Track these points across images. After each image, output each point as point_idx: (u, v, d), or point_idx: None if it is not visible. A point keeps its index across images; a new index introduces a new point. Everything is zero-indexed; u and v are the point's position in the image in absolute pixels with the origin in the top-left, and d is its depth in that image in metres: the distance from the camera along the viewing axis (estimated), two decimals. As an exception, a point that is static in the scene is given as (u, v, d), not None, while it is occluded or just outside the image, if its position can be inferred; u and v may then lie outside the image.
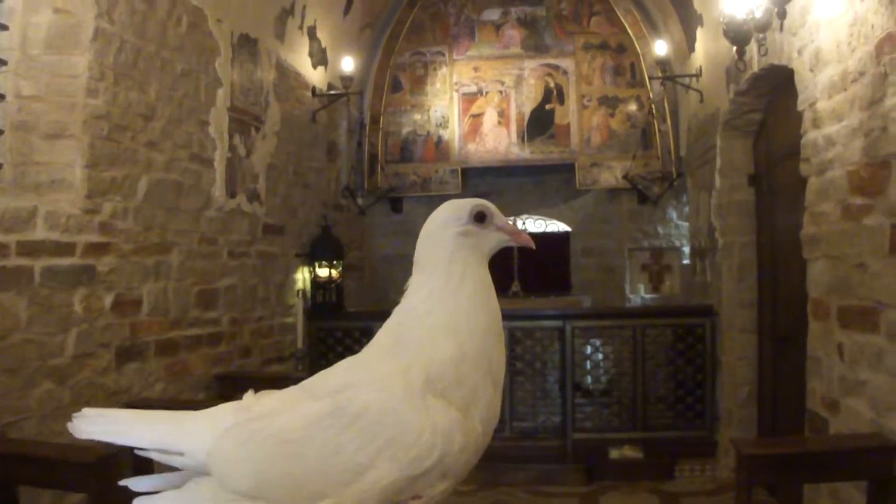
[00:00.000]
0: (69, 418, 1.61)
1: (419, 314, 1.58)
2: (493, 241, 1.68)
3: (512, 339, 7.41)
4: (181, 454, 1.54)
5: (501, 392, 1.60)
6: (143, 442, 1.56)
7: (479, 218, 1.67)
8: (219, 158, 6.02)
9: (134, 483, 1.55)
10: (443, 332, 1.55)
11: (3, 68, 4.26)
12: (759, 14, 4.91)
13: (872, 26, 3.52)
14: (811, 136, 4.36)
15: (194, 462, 1.52)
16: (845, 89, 3.86)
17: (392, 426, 1.42)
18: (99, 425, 1.59)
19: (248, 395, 1.64)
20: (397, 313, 1.64)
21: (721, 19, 5.34)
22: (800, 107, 4.52)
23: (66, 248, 4.39)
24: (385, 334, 1.62)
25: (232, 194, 6.25)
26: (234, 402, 1.63)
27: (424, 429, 1.42)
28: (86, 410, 1.62)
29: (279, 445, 1.45)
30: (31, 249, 4.14)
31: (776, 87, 5.70)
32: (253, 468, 1.45)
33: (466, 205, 1.67)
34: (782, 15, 4.61)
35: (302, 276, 7.83)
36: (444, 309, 1.57)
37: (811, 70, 4.32)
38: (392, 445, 1.41)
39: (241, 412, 1.56)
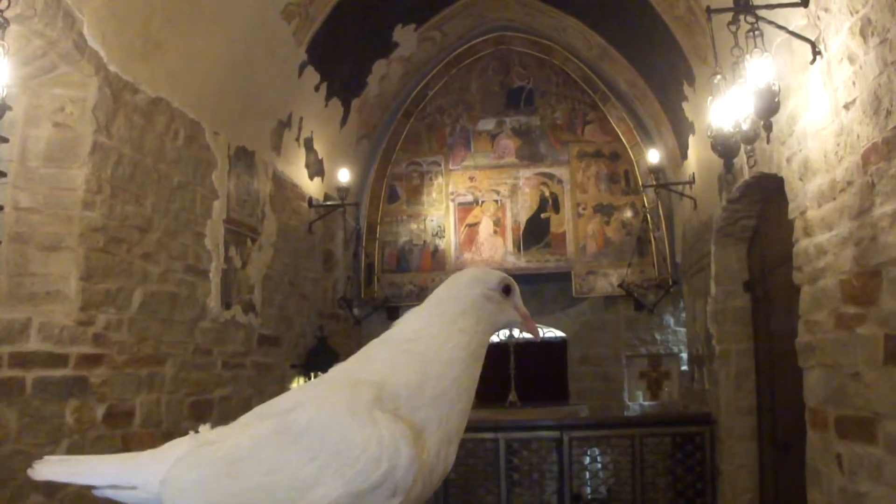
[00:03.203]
0: None
1: (398, 340, 1.59)
2: (508, 316, 1.69)
3: (509, 450, 7.31)
4: (134, 488, 1.57)
5: (454, 450, 1.57)
6: (98, 480, 1.61)
7: (506, 290, 1.69)
8: (214, 270, 6.04)
9: None
10: (414, 361, 1.54)
11: (3, 180, 4.31)
12: (745, 126, 4.95)
13: (858, 136, 3.56)
14: (803, 244, 4.38)
15: (147, 494, 1.55)
16: (834, 198, 3.89)
17: (335, 440, 1.38)
18: (57, 469, 1.66)
19: (204, 428, 1.67)
20: (380, 339, 1.65)
21: (708, 133, 5.40)
22: (791, 215, 4.55)
23: (58, 360, 4.38)
24: (357, 357, 1.63)
25: (227, 305, 6.25)
26: (189, 435, 1.66)
27: (370, 441, 1.38)
28: (47, 457, 1.68)
29: (226, 466, 1.45)
30: (23, 360, 4.13)
31: (768, 195, 5.74)
32: (202, 491, 1.47)
33: (499, 274, 1.70)
34: (769, 127, 4.65)
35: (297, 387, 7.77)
36: (428, 344, 1.57)
37: (800, 179, 4.36)
38: (336, 459, 1.37)
39: (194, 441, 1.60)
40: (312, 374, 7.85)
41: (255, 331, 6.81)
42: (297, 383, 7.77)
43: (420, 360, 1.56)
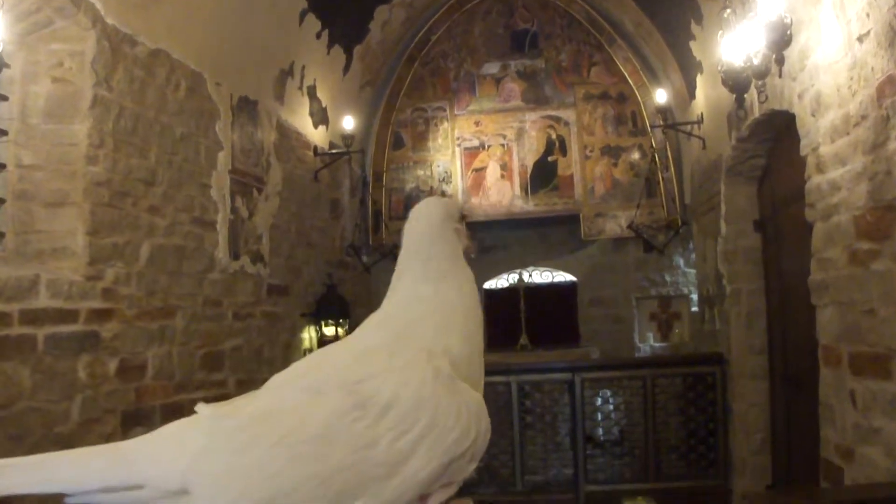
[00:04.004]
0: None
1: (433, 303, 1.55)
2: (465, 243, 1.67)
3: (521, 393, 7.34)
4: (138, 487, 1.31)
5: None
6: (82, 485, 1.30)
7: (463, 218, 1.67)
8: (221, 221, 6.02)
9: None
10: (456, 323, 1.52)
11: (4, 138, 4.29)
12: (757, 61, 4.91)
13: (872, 69, 3.50)
14: (815, 181, 4.33)
15: (159, 493, 1.30)
16: (848, 133, 3.84)
17: (430, 411, 1.33)
18: (19, 478, 1.28)
19: (203, 407, 1.42)
20: (401, 301, 1.59)
21: (719, 67, 5.34)
22: (802, 152, 4.49)
23: (69, 316, 4.37)
24: (389, 322, 1.57)
25: (235, 256, 6.24)
26: (186, 419, 1.42)
27: (461, 411, 1.36)
28: (1, 462, 1.30)
29: (297, 447, 1.28)
30: (33, 318, 4.12)
31: (778, 132, 5.68)
32: (262, 477, 1.27)
33: (456, 202, 1.68)
34: (781, 61, 4.60)
35: (308, 336, 7.79)
36: (454, 300, 1.55)
37: (812, 114, 4.30)
38: (432, 431, 1.32)
39: (217, 423, 1.37)
40: (322, 323, 7.86)
41: (264, 281, 6.81)
42: (308, 332, 7.78)
43: (452, 319, 1.54)
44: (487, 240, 10.35)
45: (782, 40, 4.39)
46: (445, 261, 1.60)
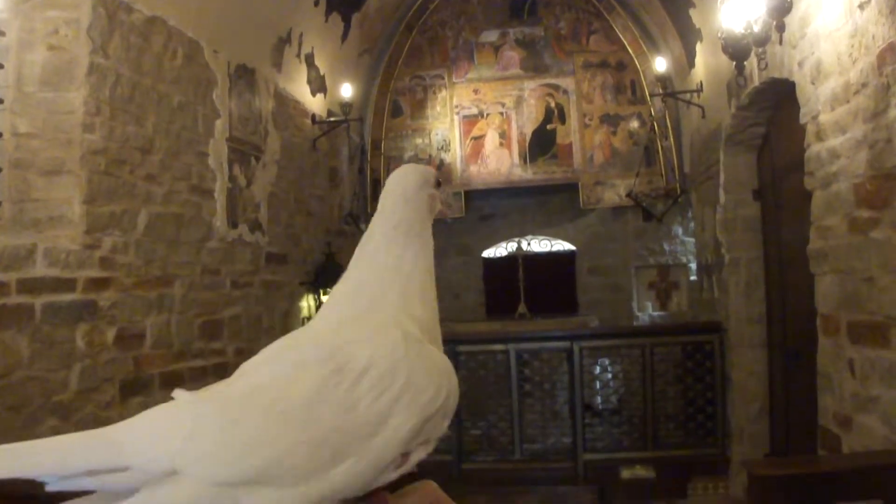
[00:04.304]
0: None
1: (397, 271, 1.57)
2: (437, 208, 1.68)
3: (520, 361, 7.34)
4: (124, 469, 1.24)
5: None
6: (65, 468, 1.22)
7: (438, 184, 1.68)
8: (219, 189, 6.01)
9: None
10: (417, 290, 1.55)
11: (0, 107, 4.25)
12: (757, 28, 4.88)
13: (873, 37, 3.47)
14: (815, 149, 4.31)
15: (145, 474, 1.24)
16: (848, 101, 3.82)
17: (404, 372, 1.37)
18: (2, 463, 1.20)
19: (181, 392, 1.35)
20: (367, 269, 1.61)
21: (719, 34, 5.30)
22: (802, 120, 4.47)
23: (66, 284, 4.38)
24: (359, 292, 1.59)
25: (233, 224, 6.23)
26: (168, 403, 1.33)
27: (432, 371, 1.40)
28: None
29: (287, 414, 1.30)
30: (31, 287, 4.12)
31: (778, 101, 5.66)
32: (255, 446, 1.28)
33: (431, 169, 1.68)
34: (781, 28, 4.57)
35: (307, 304, 7.80)
36: (414, 268, 1.57)
37: (812, 82, 4.28)
38: (408, 391, 1.36)
39: (203, 403, 1.33)
40: (321, 291, 7.87)
41: (263, 249, 6.81)
42: (307, 300, 7.79)
43: (412, 285, 1.56)
44: (486, 208, 10.35)
45: (783, 7, 4.36)
46: (411, 229, 1.62)
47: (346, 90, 8.39)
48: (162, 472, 1.26)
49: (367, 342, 1.41)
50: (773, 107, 5.89)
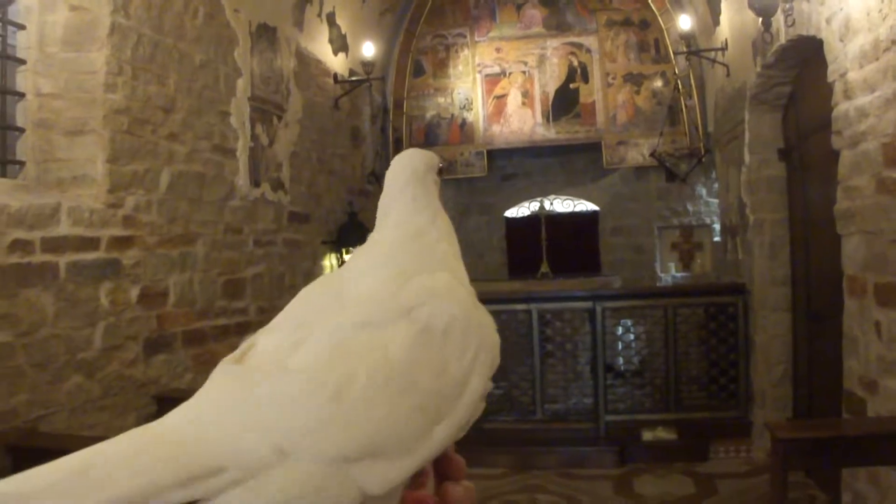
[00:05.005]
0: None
1: (435, 233, 1.56)
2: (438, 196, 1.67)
3: (542, 321, 7.34)
4: (220, 471, 1.10)
5: None
6: (158, 492, 1.03)
7: (440, 171, 1.66)
8: (241, 148, 6.00)
9: None
10: (455, 251, 1.56)
11: (22, 67, 4.28)
12: (785, -17, 4.80)
13: (904, -7, 3.42)
14: (843, 107, 4.25)
15: (243, 471, 1.16)
16: (877, 58, 3.76)
17: (477, 331, 1.37)
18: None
19: (228, 366, 1.18)
20: (400, 231, 1.58)
21: (746, -9, 5.23)
22: (830, 78, 4.40)
23: (90, 243, 4.39)
24: (399, 251, 1.56)
25: (256, 183, 6.23)
26: (222, 383, 1.20)
27: (493, 329, 1.41)
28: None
29: (392, 380, 1.28)
30: (55, 245, 4.14)
31: (805, 59, 5.57)
32: (366, 418, 1.25)
33: (436, 156, 1.67)
34: (809, -17, 4.50)
35: (329, 263, 7.81)
36: (448, 230, 1.57)
37: (841, 40, 4.21)
38: (483, 350, 1.35)
39: (282, 377, 1.27)
40: (343, 251, 7.88)
41: (285, 208, 6.81)
42: (329, 260, 7.80)
43: (451, 248, 1.55)
44: (508, 168, 10.32)
45: (812, -38, 4.29)
46: (429, 203, 1.60)
47: (368, 49, 8.34)
48: (265, 461, 1.19)
49: (441, 300, 1.39)
50: (799, 65, 5.80)
